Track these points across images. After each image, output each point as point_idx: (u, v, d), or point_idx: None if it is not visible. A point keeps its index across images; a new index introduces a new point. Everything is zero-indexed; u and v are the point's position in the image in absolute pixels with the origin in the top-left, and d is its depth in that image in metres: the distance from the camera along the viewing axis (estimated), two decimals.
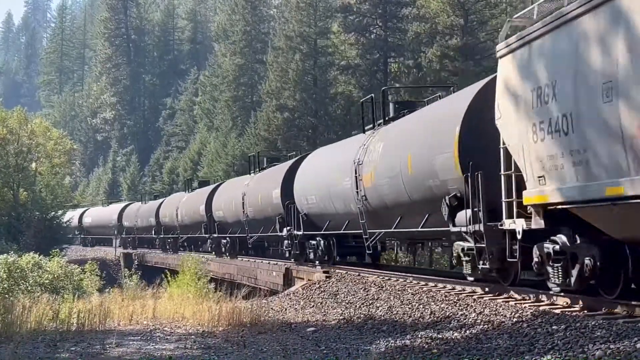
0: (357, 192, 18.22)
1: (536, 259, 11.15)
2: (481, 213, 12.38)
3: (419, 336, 10.70)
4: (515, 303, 11.51)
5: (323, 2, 50.01)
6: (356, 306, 14.73)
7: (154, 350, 11.03)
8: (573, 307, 10.55)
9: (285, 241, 25.15)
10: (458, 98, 14.86)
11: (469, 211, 12.70)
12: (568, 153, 9.67)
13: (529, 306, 11.04)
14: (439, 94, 19.05)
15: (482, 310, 11.39)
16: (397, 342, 10.58)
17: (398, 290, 14.91)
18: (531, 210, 10.88)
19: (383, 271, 18.90)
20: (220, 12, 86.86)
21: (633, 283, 10.28)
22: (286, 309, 16.68)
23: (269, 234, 27.44)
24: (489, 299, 12.23)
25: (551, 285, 11.09)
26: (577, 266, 10.30)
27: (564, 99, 9.76)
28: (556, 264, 10.66)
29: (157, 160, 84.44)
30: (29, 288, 24.47)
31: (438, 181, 14.10)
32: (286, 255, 26.27)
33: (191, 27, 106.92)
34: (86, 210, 71.22)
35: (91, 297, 21.60)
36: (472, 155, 12.81)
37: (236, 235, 32.47)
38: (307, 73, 48.97)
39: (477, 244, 12.69)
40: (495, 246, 12.17)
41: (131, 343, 11.78)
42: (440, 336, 10.45)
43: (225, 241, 34.30)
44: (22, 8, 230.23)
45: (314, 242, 22.53)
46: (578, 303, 10.58)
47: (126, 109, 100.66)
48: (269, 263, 26.22)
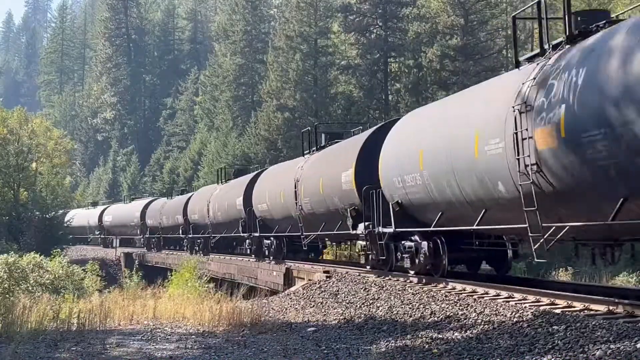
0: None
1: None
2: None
3: (420, 336, 10.70)
4: (515, 303, 11.51)
5: (323, 2, 50.05)
6: (357, 306, 14.73)
7: (155, 350, 11.03)
8: (573, 307, 10.55)
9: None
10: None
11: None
12: None
13: (529, 306, 11.05)
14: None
15: (483, 310, 11.39)
16: (398, 342, 10.59)
17: (398, 290, 14.92)
18: None
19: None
20: (220, 12, 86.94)
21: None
22: (287, 309, 16.67)
23: (337, 232, 21.23)
24: (490, 299, 12.24)
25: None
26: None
27: None
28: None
29: (158, 160, 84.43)
30: (30, 288, 24.47)
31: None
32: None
33: (191, 27, 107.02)
34: (107, 208, 64.64)
35: (91, 297, 21.61)
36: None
37: (285, 234, 26.14)
38: (308, 73, 48.99)
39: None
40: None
41: (132, 343, 11.78)
42: (440, 336, 10.45)
43: (269, 242, 28.35)
44: (23, 8, 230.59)
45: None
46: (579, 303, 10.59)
47: (126, 109, 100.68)
48: (269, 263, 26.23)
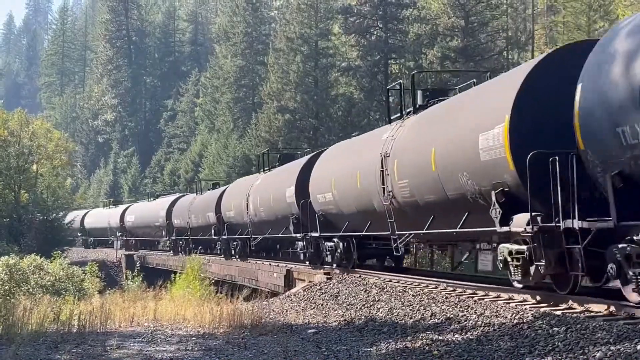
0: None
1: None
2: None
3: (420, 338, 10.70)
4: (516, 305, 11.51)
5: (324, 4, 50.10)
6: (357, 308, 14.73)
7: (155, 352, 11.03)
8: (574, 309, 10.55)
9: None
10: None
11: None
12: None
13: (530, 308, 11.05)
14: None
15: (483, 311, 11.39)
16: (398, 344, 10.59)
17: (399, 291, 14.92)
18: None
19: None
20: (221, 14, 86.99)
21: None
22: (287, 311, 16.68)
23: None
24: (490, 301, 12.24)
25: None
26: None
27: None
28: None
29: (158, 162, 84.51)
30: (31, 290, 24.49)
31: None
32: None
33: (192, 29, 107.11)
34: (129, 206, 58.57)
35: (92, 299, 21.62)
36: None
37: (362, 233, 19.15)
38: (308, 74, 49.03)
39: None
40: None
41: (132, 345, 11.78)
42: (441, 338, 10.45)
43: (332, 244, 21.08)
44: (24, 10, 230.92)
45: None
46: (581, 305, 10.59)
47: (127, 111, 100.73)
48: (270, 265, 26.24)
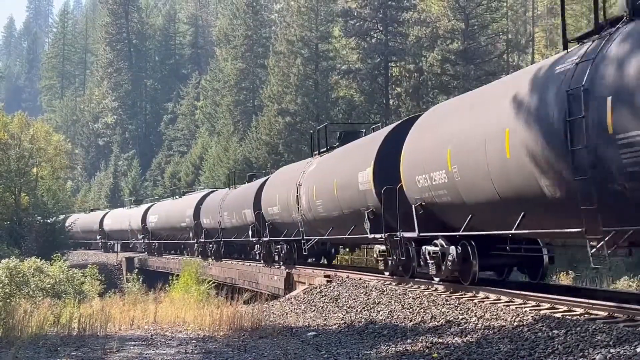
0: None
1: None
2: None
3: (420, 340, 10.69)
4: (516, 307, 11.50)
5: (324, 7, 50.14)
6: (357, 310, 14.72)
7: (155, 355, 11.03)
8: (574, 312, 10.55)
9: None
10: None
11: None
12: None
13: (530, 310, 11.04)
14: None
15: (483, 314, 11.38)
16: (398, 347, 10.58)
17: (399, 294, 14.90)
18: None
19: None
20: (221, 17, 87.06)
21: None
22: (287, 314, 16.67)
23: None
24: (490, 303, 12.22)
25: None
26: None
27: None
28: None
29: (159, 164, 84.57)
30: (31, 293, 24.47)
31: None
32: None
33: (192, 32, 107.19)
34: (151, 206, 51.98)
35: (92, 302, 21.62)
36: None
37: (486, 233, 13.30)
38: (309, 77, 49.05)
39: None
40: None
41: (132, 348, 11.78)
42: (441, 340, 10.44)
43: (436, 248, 14.70)
44: (24, 13, 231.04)
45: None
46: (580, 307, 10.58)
47: (128, 114, 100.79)
48: (270, 267, 26.24)
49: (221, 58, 72.66)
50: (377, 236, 17.22)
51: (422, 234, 14.98)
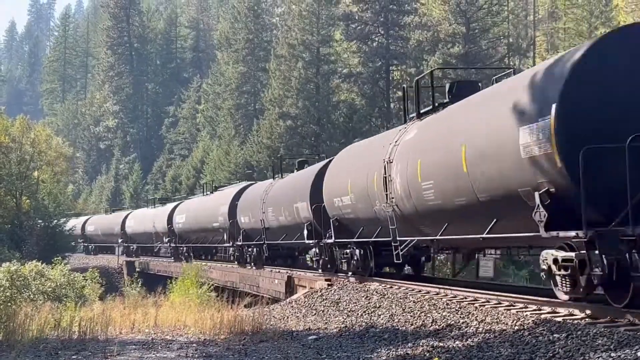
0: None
1: None
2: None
3: (421, 344, 10.68)
4: (517, 311, 11.50)
5: (325, 11, 50.20)
6: (358, 314, 14.71)
7: (155, 358, 11.04)
8: (575, 316, 10.53)
9: None
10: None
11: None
12: None
13: (531, 314, 11.03)
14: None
15: (484, 318, 11.37)
16: (399, 351, 10.57)
17: (400, 298, 14.89)
18: None
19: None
20: (222, 21, 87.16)
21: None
22: (288, 317, 16.66)
23: None
24: (491, 307, 12.21)
25: None
26: None
27: None
28: None
29: (160, 168, 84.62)
30: (32, 296, 24.46)
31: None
32: None
33: (194, 36, 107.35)
34: (179, 204, 45.53)
35: (93, 305, 21.60)
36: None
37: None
38: (310, 81, 49.08)
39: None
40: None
41: (132, 352, 11.78)
42: (441, 344, 10.43)
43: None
44: (26, 17, 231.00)
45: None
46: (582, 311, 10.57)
47: (129, 117, 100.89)
48: (272, 271, 26.22)
49: (222, 62, 72.74)
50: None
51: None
